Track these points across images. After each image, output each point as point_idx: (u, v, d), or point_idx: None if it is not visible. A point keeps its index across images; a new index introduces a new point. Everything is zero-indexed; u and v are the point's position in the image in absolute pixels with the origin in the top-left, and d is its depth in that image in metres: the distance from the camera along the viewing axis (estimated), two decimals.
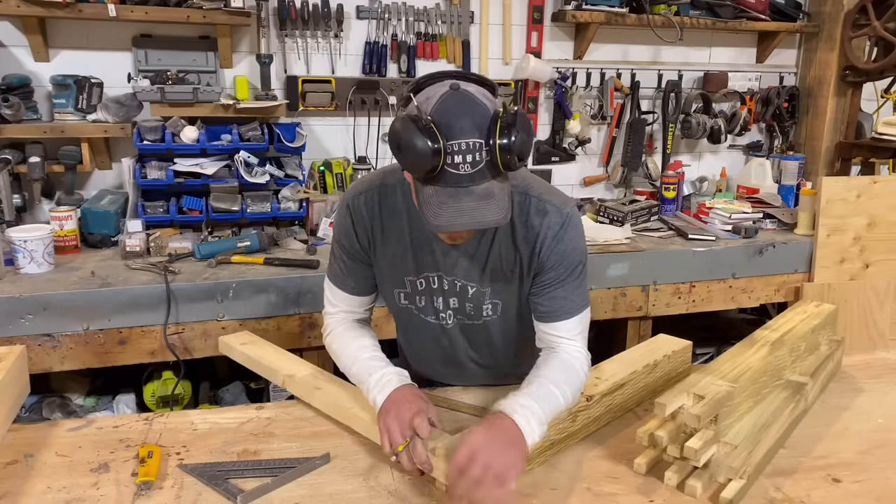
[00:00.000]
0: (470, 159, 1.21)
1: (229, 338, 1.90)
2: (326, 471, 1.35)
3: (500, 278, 1.50)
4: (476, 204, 1.23)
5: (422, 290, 1.55)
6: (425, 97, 1.26)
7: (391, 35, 3.24)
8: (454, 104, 1.23)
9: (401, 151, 1.23)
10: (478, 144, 1.21)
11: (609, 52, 3.62)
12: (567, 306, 1.47)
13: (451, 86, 1.25)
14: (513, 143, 1.21)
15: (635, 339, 2.94)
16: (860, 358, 1.91)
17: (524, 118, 1.24)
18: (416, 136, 1.19)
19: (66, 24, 2.86)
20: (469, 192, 1.23)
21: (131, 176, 2.81)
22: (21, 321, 2.25)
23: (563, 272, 1.45)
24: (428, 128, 1.20)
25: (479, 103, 1.24)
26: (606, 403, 1.55)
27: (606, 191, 3.80)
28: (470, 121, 1.21)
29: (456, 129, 1.20)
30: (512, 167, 1.24)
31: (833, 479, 1.35)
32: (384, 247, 1.53)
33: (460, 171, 1.21)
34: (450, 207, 1.23)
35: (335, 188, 3.22)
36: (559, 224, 1.43)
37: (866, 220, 3.09)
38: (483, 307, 1.54)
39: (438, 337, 1.62)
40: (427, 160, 1.20)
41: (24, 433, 1.48)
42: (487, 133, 1.21)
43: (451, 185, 1.23)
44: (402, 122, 1.23)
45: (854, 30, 3.55)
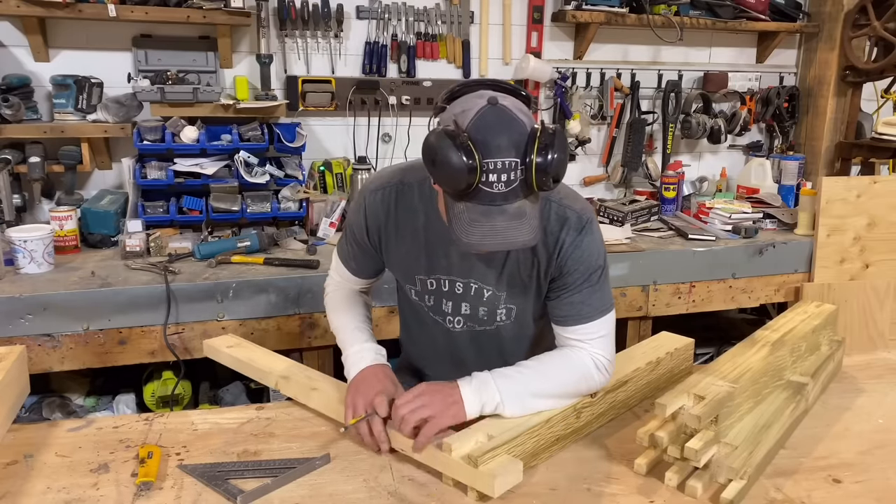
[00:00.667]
0: (505, 178, 1.20)
1: (214, 341, 1.86)
2: (326, 471, 1.35)
3: (516, 283, 1.49)
4: (508, 224, 1.22)
5: (432, 290, 1.56)
6: (461, 109, 1.24)
7: (391, 35, 3.24)
8: (492, 120, 1.21)
9: (435, 167, 1.21)
10: (514, 164, 1.19)
11: (609, 52, 3.62)
12: (585, 311, 1.46)
13: (490, 100, 1.22)
14: (550, 163, 1.20)
15: (635, 339, 2.94)
16: (861, 358, 1.91)
17: (562, 137, 1.22)
18: (452, 152, 1.18)
19: (66, 24, 2.86)
20: (502, 211, 1.21)
21: (131, 176, 2.81)
22: (21, 321, 2.25)
23: (578, 277, 1.44)
24: (465, 144, 1.18)
25: (518, 120, 1.22)
26: (610, 400, 1.55)
27: (606, 191, 3.80)
28: (507, 139, 1.20)
29: (493, 148, 1.19)
30: (546, 188, 1.23)
31: (834, 480, 1.35)
32: (397, 244, 1.53)
33: (494, 190, 1.20)
34: (482, 226, 1.22)
35: (335, 188, 3.21)
36: (578, 230, 1.42)
37: (866, 220, 3.09)
38: (497, 311, 1.54)
39: (444, 339, 1.62)
40: (462, 177, 1.18)
41: (24, 433, 1.48)
42: (524, 152, 1.20)
43: (485, 203, 1.21)
44: (438, 136, 1.21)
45: (854, 30, 3.55)
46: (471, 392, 1.37)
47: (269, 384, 1.69)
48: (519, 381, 1.40)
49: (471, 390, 1.37)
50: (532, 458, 1.36)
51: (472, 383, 1.38)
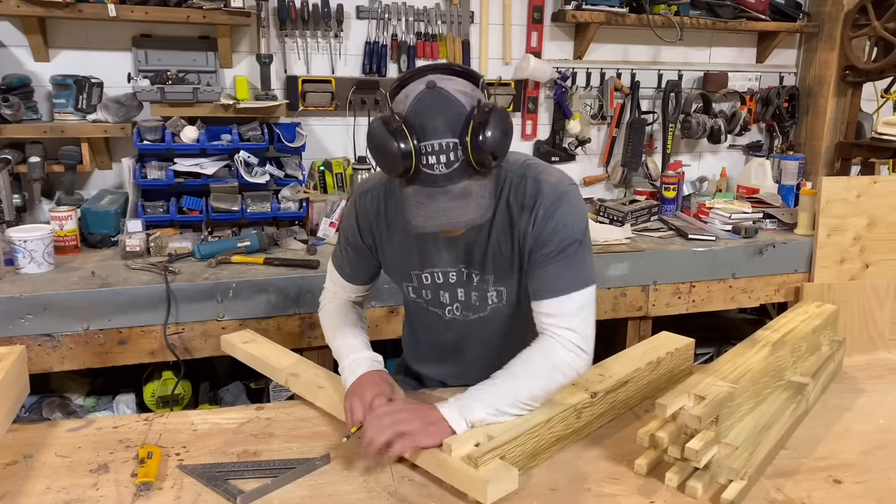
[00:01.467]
0: (444, 159, 1.22)
1: (231, 336, 1.90)
2: (326, 471, 1.35)
3: (500, 264, 1.49)
4: (452, 203, 1.24)
5: (428, 285, 1.57)
6: (404, 96, 1.27)
7: (391, 35, 3.24)
8: (428, 103, 1.24)
9: (374, 153, 1.25)
10: (451, 144, 1.22)
11: (609, 52, 3.62)
12: (558, 283, 1.41)
13: (428, 84, 1.25)
14: (485, 142, 1.21)
15: (635, 339, 2.94)
16: (861, 358, 1.91)
17: (499, 115, 1.24)
18: (387, 138, 1.22)
19: (66, 24, 2.86)
20: (445, 191, 1.24)
21: (131, 176, 2.81)
22: (21, 321, 2.25)
23: (553, 249, 1.41)
24: (399, 130, 1.21)
25: (455, 101, 1.24)
26: (610, 400, 1.55)
27: (606, 191, 3.80)
28: (443, 120, 1.22)
29: (429, 130, 1.22)
30: (487, 165, 1.24)
31: (834, 480, 1.34)
32: (390, 243, 1.55)
33: (436, 172, 1.23)
34: (427, 208, 1.25)
35: (335, 188, 3.21)
36: (553, 199, 1.40)
37: (866, 220, 3.09)
38: (488, 295, 1.54)
39: (445, 331, 1.63)
40: (398, 162, 1.22)
41: (23, 433, 1.48)
42: (461, 132, 1.22)
43: (428, 185, 1.24)
44: (374, 124, 1.24)
45: (854, 30, 3.55)
46: (449, 409, 1.34)
47: (280, 381, 1.71)
48: (496, 391, 1.37)
49: (449, 408, 1.34)
50: (532, 458, 1.36)
51: (448, 403, 1.35)
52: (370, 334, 1.73)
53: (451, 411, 1.33)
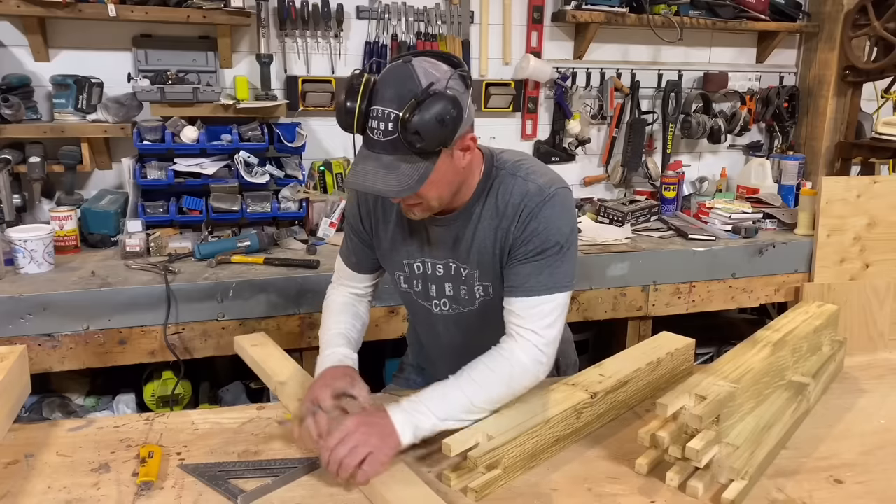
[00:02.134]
0: (383, 127, 1.26)
1: (243, 338, 1.88)
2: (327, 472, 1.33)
3: (485, 259, 1.50)
4: (375, 170, 1.29)
5: (418, 274, 1.59)
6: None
7: (391, 35, 3.24)
8: (391, 73, 1.28)
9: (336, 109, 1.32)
10: (392, 115, 1.25)
11: (609, 52, 3.62)
12: (530, 284, 1.41)
13: (404, 58, 1.30)
14: (412, 120, 1.23)
15: (635, 339, 2.94)
16: (862, 359, 1.91)
17: (442, 100, 1.24)
18: (342, 90, 1.28)
19: (66, 24, 2.86)
20: (377, 158, 1.29)
21: (131, 176, 2.81)
22: (21, 321, 2.25)
23: (532, 249, 1.41)
24: (354, 88, 1.26)
25: (414, 78, 1.26)
26: (610, 400, 1.55)
27: (606, 191, 3.80)
28: (394, 91, 1.26)
29: (379, 96, 1.26)
30: (413, 145, 1.26)
31: (835, 480, 1.34)
32: (385, 230, 1.57)
33: (374, 137, 1.28)
34: (358, 167, 1.31)
35: (335, 188, 3.21)
36: (537, 201, 1.40)
37: (866, 220, 3.09)
38: (475, 290, 1.55)
39: (437, 325, 1.65)
40: (343, 114, 1.28)
41: (24, 433, 1.48)
42: (404, 108, 1.24)
43: (367, 148, 1.31)
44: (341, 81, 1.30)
45: (854, 30, 3.55)
46: (402, 418, 1.32)
47: (271, 387, 1.70)
48: (450, 397, 1.36)
49: (402, 417, 1.33)
50: (532, 458, 1.36)
51: (402, 413, 1.33)
52: (370, 334, 1.73)
53: (401, 421, 1.32)
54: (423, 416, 1.33)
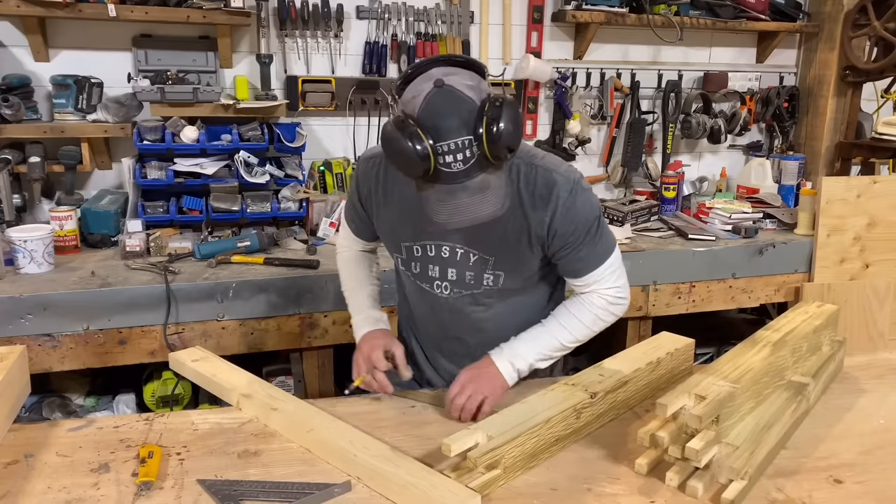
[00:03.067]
0: (461, 157, 1.25)
1: (179, 354, 1.81)
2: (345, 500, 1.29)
3: (505, 247, 1.54)
4: (471, 199, 1.29)
5: (418, 257, 1.61)
6: (411, 95, 1.30)
7: (391, 35, 3.24)
8: (440, 103, 1.26)
9: (391, 157, 1.29)
10: (467, 142, 1.25)
11: (609, 52, 3.62)
12: (592, 261, 1.55)
13: (436, 83, 1.27)
14: (500, 135, 1.25)
15: (635, 339, 2.94)
16: (862, 359, 1.91)
17: (510, 107, 1.27)
18: (404, 143, 1.24)
19: (66, 24, 2.86)
20: (464, 187, 1.28)
21: (131, 176, 2.81)
22: (21, 321, 2.25)
23: (580, 235, 1.51)
24: (414, 133, 1.24)
25: (465, 99, 1.27)
26: (610, 400, 1.55)
27: (606, 191, 3.80)
28: (456, 119, 1.25)
29: (443, 130, 1.25)
30: (503, 158, 1.29)
31: (835, 480, 1.34)
32: (386, 210, 1.61)
33: (453, 169, 1.26)
34: (448, 204, 1.29)
35: (335, 188, 3.21)
36: (568, 191, 1.47)
37: (866, 220, 3.09)
38: (484, 276, 1.58)
39: (434, 307, 1.67)
40: (417, 165, 1.25)
41: (24, 433, 1.48)
42: (475, 128, 1.25)
43: (447, 183, 1.28)
44: (390, 128, 1.27)
45: (854, 30, 3.55)
46: (507, 364, 1.54)
47: (231, 402, 1.63)
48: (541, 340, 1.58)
49: (504, 362, 1.54)
50: (532, 458, 1.36)
51: (503, 356, 1.55)
52: None
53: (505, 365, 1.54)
54: (520, 359, 1.56)
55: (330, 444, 1.40)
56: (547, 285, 1.69)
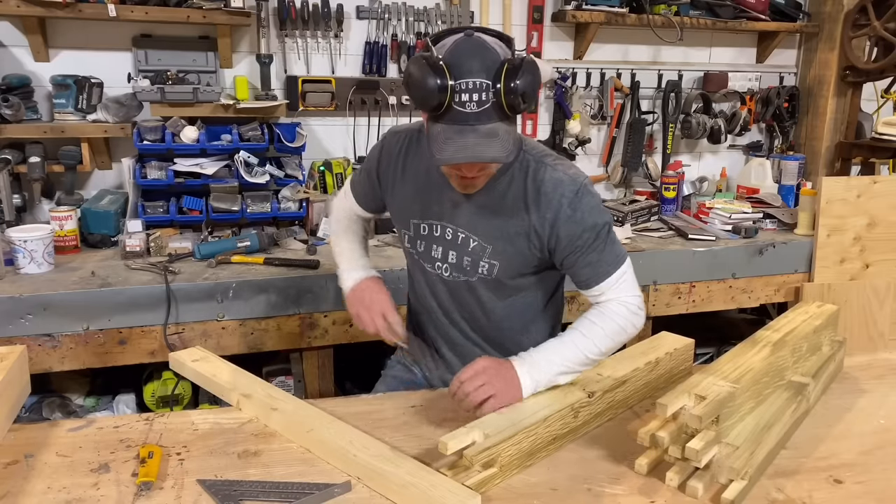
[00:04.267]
0: (476, 98, 1.29)
1: (180, 354, 1.81)
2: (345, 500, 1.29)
3: (503, 237, 1.55)
4: (479, 140, 1.30)
5: (424, 235, 1.63)
6: (441, 44, 1.34)
7: (391, 35, 3.24)
8: (466, 47, 1.31)
9: (410, 88, 1.33)
10: (484, 84, 1.28)
11: (609, 52, 3.62)
12: (602, 268, 1.54)
13: (466, 33, 1.33)
14: (518, 85, 1.28)
15: (635, 339, 2.93)
16: (862, 359, 1.91)
17: (531, 63, 1.31)
18: (425, 72, 1.28)
19: (66, 24, 2.86)
20: (474, 129, 1.30)
21: (131, 176, 2.81)
22: (21, 321, 2.25)
23: (588, 239, 1.50)
24: (437, 65, 1.28)
25: (490, 48, 1.32)
26: (608, 400, 1.55)
27: (606, 191, 3.80)
28: (479, 62, 1.29)
29: (465, 69, 1.28)
30: (517, 109, 1.32)
31: (835, 480, 1.34)
32: (401, 186, 1.64)
33: (466, 109, 1.29)
34: (454, 142, 1.31)
35: (335, 188, 3.21)
36: (573, 192, 1.48)
37: (866, 220, 3.09)
38: (480, 264, 1.59)
39: (434, 287, 1.70)
40: (434, 96, 1.28)
41: (24, 433, 1.48)
42: (495, 75, 1.29)
43: (458, 123, 1.31)
44: (414, 60, 1.31)
45: (854, 30, 3.55)
46: (526, 375, 1.45)
47: (231, 402, 1.63)
48: (565, 353, 1.50)
49: (526, 374, 1.46)
50: (529, 457, 1.36)
51: (524, 365, 1.47)
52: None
53: (525, 377, 1.46)
54: (542, 373, 1.47)
55: (330, 444, 1.40)
56: (543, 289, 1.70)
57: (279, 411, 1.53)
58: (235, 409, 1.61)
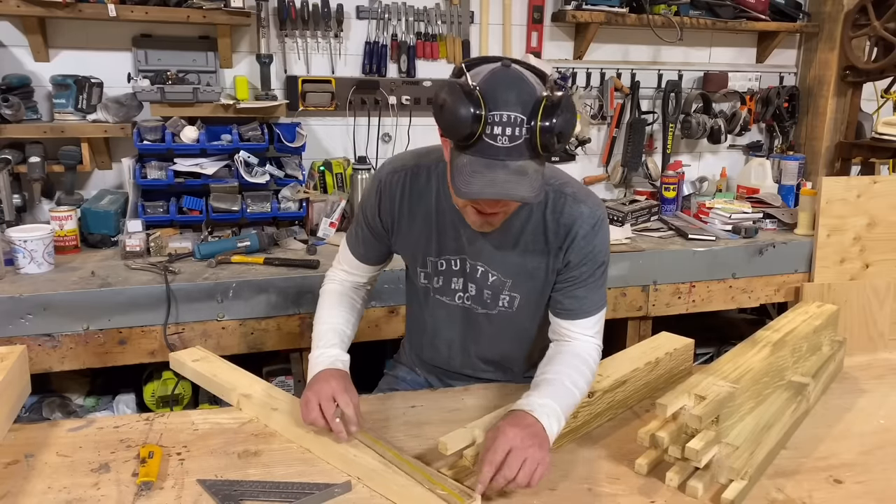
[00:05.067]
0: (509, 132, 1.22)
1: (180, 354, 1.82)
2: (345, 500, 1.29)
3: (523, 272, 1.52)
4: (509, 177, 1.24)
5: (442, 271, 1.58)
6: (475, 72, 1.28)
7: (391, 35, 3.24)
8: (503, 78, 1.25)
9: (443, 113, 1.25)
10: (519, 119, 1.22)
11: (609, 52, 3.62)
12: (586, 306, 1.51)
13: (503, 63, 1.27)
14: (554, 124, 1.22)
15: (635, 339, 2.94)
16: (862, 359, 1.91)
17: (569, 102, 1.25)
18: (459, 99, 1.21)
19: (66, 24, 2.86)
20: (504, 165, 1.24)
21: (131, 176, 2.81)
22: (21, 321, 2.25)
23: (585, 271, 1.48)
24: (472, 94, 1.21)
25: (528, 81, 1.25)
26: (608, 400, 1.55)
27: (606, 191, 3.80)
28: (516, 95, 1.23)
29: (500, 101, 1.22)
30: (551, 149, 1.25)
31: (835, 480, 1.35)
32: (409, 227, 1.57)
33: (498, 143, 1.23)
34: (483, 177, 1.24)
35: (335, 188, 3.21)
36: (591, 224, 1.46)
37: (866, 220, 3.09)
38: (500, 297, 1.56)
39: (451, 318, 1.65)
40: (466, 124, 1.21)
41: (24, 433, 1.48)
42: (531, 111, 1.22)
43: (487, 157, 1.24)
44: (448, 85, 1.25)
45: (854, 30, 3.55)
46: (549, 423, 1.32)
47: (231, 402, 1.63)
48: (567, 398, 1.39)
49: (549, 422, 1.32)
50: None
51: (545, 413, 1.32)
52: (370, 335, 1.73)
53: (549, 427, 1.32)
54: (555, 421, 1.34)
55: (330, 444, 1.40)
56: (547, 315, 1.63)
57: (279, 411, 1.53)
58: (235, 409, 1.61)
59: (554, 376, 1.42)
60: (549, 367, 1.46)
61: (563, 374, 1.42)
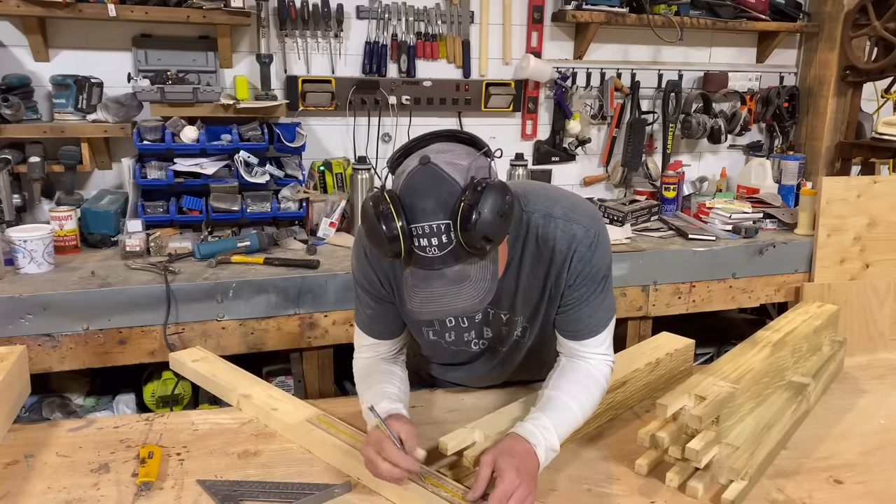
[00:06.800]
0: (436, 242, 1.14)
1: (180, 354, 1.82)
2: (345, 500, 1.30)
3: (530, 305, 1.46)
4: (446, 289, 1.16)
5: (450, 327, 1.51)
6: (401, 170, 1.20)
7: (391, 35, 3.24)
8: (421, 182, 1.15)
9: (366, 236, 1.19)
10: (443, 226, 1.13)
11: (609, 52, 3.62)
12: (593, 324, 1.43)
13: (422, 159, 1.16)
14: (475, 224, 1.11)
15: (635, 339, 2.94)
16: (862, 359, 1.91)
17: (493, 194, 1.13)
18: (375, 221, 1.14)
19: (66, 24, 2.86)
20: (441, 275, 1.16)
21: (131, 176, 2.81)
22: (21, 321, 2.25)
23: (587, 290, 1.40)
24: (386, 211, 1.13)
25: (447, 179, 1.14)
26: (608, 400, 1.55)
27: (606, 191, 3.80)
28: (434, 201, 1.13)
29: (419, 211, 1.13)
30: (480, 248, 1.15)
31: (835, 481, 1.35)
32: None
33: (429, 254, 1.15)
34: (421, 291, 1.17)
35: (335, 188, 3.21)
36: (587, 245, 1.37)
37: (866, 220, 3.09)
38: (514, 331, 1.51)
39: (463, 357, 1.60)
40: (386, 246, 1.15)
41: (24, 433, 1.48)
42: (452, 213, 1.13)
43: (422, 268, 1.16)
44: (366, 203, 1.18)
45: (854, 30, 3.55)
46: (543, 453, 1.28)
47: (231, 402, 1.63)
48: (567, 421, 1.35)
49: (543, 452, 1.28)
50: None
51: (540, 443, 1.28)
52: None
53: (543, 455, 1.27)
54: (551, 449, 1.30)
55: (330, 444, 1.40)
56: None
57: (279, 411, 1.53)
58: (235, 409, 1.61)
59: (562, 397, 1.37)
60: (560, 381, 1.41)
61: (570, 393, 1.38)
